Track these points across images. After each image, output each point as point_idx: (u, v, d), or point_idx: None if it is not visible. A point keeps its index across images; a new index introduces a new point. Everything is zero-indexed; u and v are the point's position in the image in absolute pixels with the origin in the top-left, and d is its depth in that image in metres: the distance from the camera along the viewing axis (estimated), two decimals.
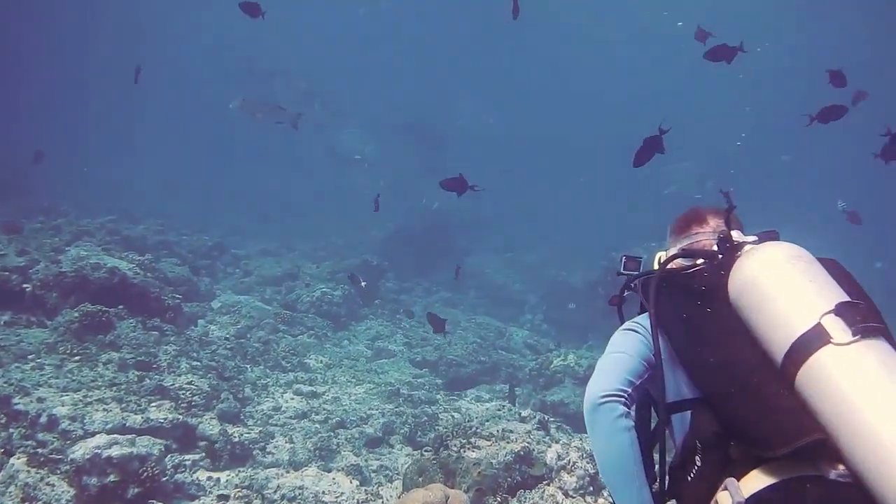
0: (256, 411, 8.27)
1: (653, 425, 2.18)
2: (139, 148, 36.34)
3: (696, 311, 2.05)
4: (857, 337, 1.73)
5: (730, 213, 2.40)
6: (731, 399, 1.83)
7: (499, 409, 8.04)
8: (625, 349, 2.13)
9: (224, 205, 25.73)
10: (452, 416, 8.91)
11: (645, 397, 2.17)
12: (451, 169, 9.02)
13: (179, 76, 41.64)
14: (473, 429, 7.01)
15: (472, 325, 14.74)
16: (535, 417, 7.54)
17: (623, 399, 2.01)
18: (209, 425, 7.30)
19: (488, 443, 6.71)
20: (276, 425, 8.04)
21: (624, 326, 2.26)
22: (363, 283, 12.14)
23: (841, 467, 1.68)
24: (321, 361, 10.65)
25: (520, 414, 7.65)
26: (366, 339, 12.37)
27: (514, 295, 18.48)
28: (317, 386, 9.58)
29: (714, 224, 2.45)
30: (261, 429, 7.67)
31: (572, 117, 41.51)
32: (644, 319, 2.18)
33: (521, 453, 6.46)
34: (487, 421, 7.44)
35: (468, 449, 6.61)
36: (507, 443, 6.67)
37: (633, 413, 2.06)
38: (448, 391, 10.55)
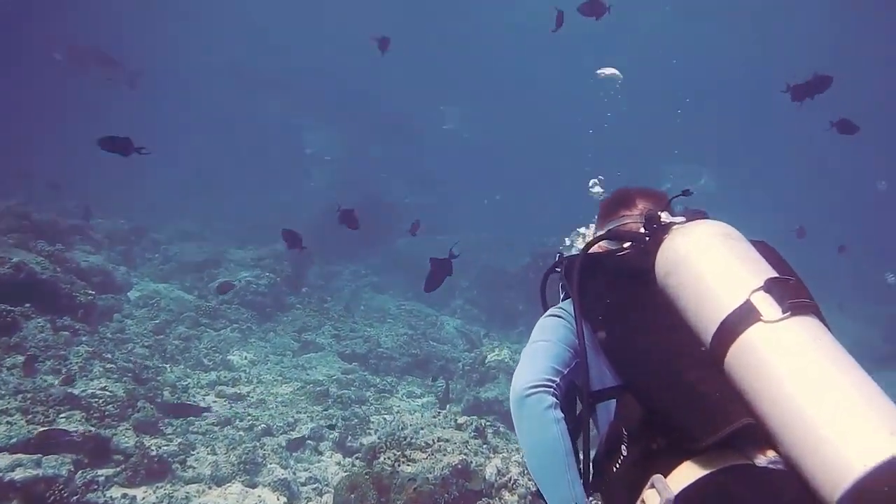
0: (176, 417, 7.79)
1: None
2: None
3: (620, 295, 1.99)
4: (787, 314, 1.66)
5: (657, 194, 2.36)
6: (655, 386, 1.77)
7: (434, 417, 7.74)
8: (549, 337, 2.06)
9: (147, 182, 24.49)
10: (384, 419, 8.60)
11: (570, 386, 2.05)
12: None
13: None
14: (408, 439, 6.70)
15: (402, 312, 14.43)
16: (471, 424, 7.27)
17: (551, 389, 1.92)
18: (124, 437, 6.79)
19: (424, 455, 6.41)
20: (197, 433, 7.57)
21: (548, 313, 2.19)
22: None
23: (771, 453, 1.61)
24: (246, 358, 10.18)
25: (456, 420, 7.37)
26: (292, 331, 11.89)
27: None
28: (241, 386, 9.13)
29: (642, 206, 2.39)
30: (181, 439, 7.19)
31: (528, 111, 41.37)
32: (568, 305, 2.11)
33: (459, 466, 6.19)
34: (422, 429, 7.13)
35: (403, 462, 6.30)
36: (444, 455, 6.39)
37: (561, 403, 1.96)
38: (378, 391, 10.19)
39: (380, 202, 20.37)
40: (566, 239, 2.88)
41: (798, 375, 1.56)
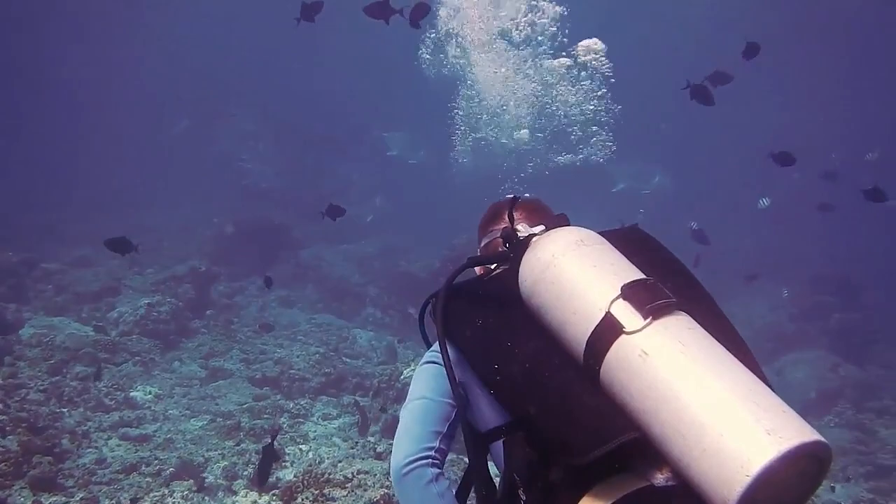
0: (77, 467, 7.34)
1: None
2: None
3: (491, 322, 1.90)
4: (648, 320, 1.60)
5: (514, 204, 2.23)
6: (536, 413, 1.71)
7: (352, 448, 7.55)
8: (424, 392, 1.98)
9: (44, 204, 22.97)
10: (300, 450, 8.35)
11: (466, 429, 1.93)
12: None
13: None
14: (326, 474, 6.51)
15: (313, 327, 14.13)
16: (391, 453, 7.11)
17: (430, 459, 1.86)
18: (20, 497, 6.38)
19: (344, 492, 6.23)
20: (100, 483, 7.16)
21: (425, 359, 2.10)
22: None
23: (667, 470, 1.58)
24: (150, 393, 9.72)
25: (375, 449, 7.21)
26: (199, 358, 11.43)
27: (354, 288, 17.92)
28: (146, 426, 8.70)
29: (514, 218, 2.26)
30: (83, 494, 6.78)
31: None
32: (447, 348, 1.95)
33: (381, 503, 6.03)
34: (340, 462, 6.94)
35: (322, 502, 6.10)
36: (365, 490, 6.23)
37: (445, 471, 1.90)
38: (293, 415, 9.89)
39: (282, 214, 19.96)
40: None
41: (668, 386, 1.50)
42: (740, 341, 1.84)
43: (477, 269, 2.28)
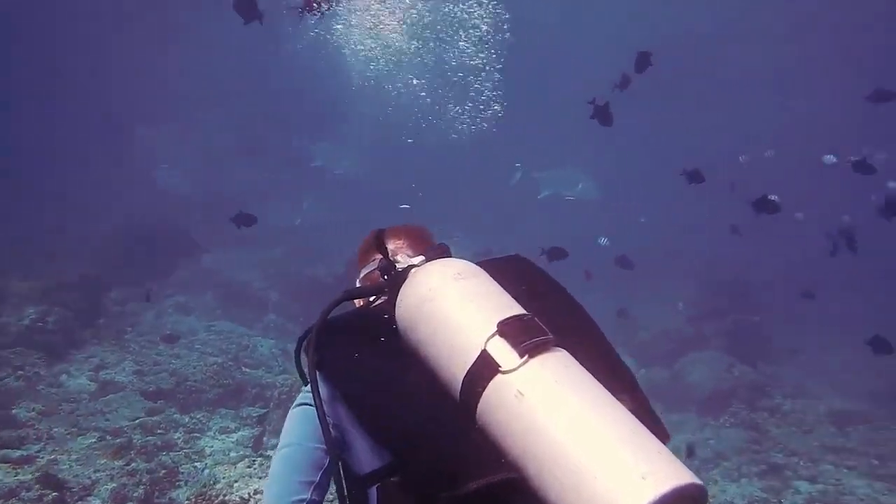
0: None
1: None
2: None
3: (367, 359, 1.81)
4: (524, 358, 1.55)
5: (393, 232, 2.22)
6: (412, 454, 1.63)
7: (248, 466, 7.29)
8: (293, 438, 1.86)
9: None
10: (195, 468, 8.04)
11: (347, 471, 1.84)
12: None
13: None
14: (221, 496, 6.27)
15: (211, 335, 13.69)
16: None
17: None
18: None
19: None
20: None
21: (297, 400, 1.95)
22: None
23: None
24: (34, 410, 9.19)
25: None
26: (88, 371, 10.90)
27: (256, 293, 17.53)
28: (29, 446, 8.21)
29: (393, 247, 2.23)
30: None
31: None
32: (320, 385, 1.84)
33: None
34: (237, 482, 6.70)
35: None
36: None
37: None
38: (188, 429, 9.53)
39: (180, 216, 19.31)
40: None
41: (544, 427, 1.46)
42: (623, 372, 1.82)
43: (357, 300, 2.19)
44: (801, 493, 10.32)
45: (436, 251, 2.02)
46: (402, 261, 2.01)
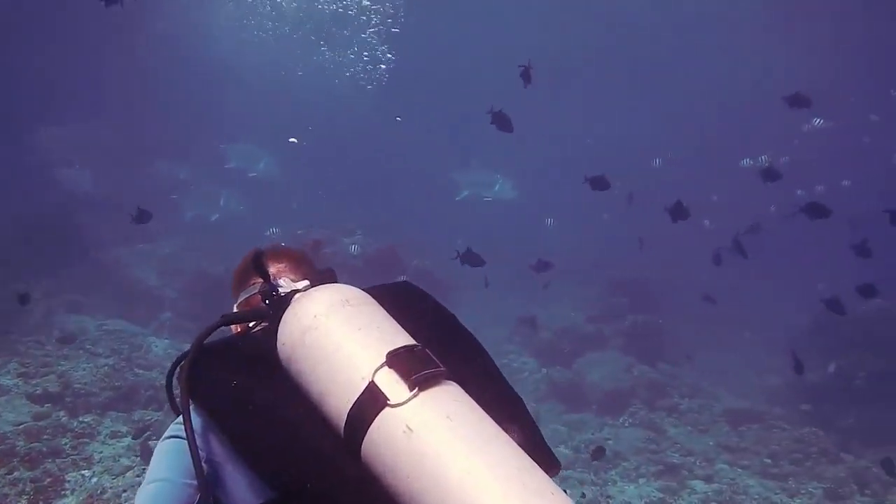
0: None
1: None
2: None
3: (245, 388, 1.70)
4: (414, 391, 1.48)
5: (293, 253, 2.14)
6: (290, 491, 1.55)
7: (138, 476, 7.18)
8: (161, 474, 1.74)
9: None
10: (82, 476, 7.85)
11: None
12: None
13: None
14: None
15: (103, 335, 13.28)
16: None
17: None
18: None
19: None
20: None
21: (168, 432, 1.85)
22: None
23: None
24: None
25: None
26: None
27: (152, 291, 17.07)
28: None
29: (274, 270, 2.11)
30: None
31: None
32: (194, 415, 1.74)
33: None
34: (125, 491, 6.60)
35: None
36: None
37: None
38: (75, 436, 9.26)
39: (76, 210, 18.62)
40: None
41: (433, 466, 1.40)
42: (512, 402, 1.81)
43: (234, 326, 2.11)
44: (698, 493, 10.78)
45: (321, 276, 1.97)
46: (285, 285, 1.88)
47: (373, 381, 1.51)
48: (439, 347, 1.65)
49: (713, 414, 14.16)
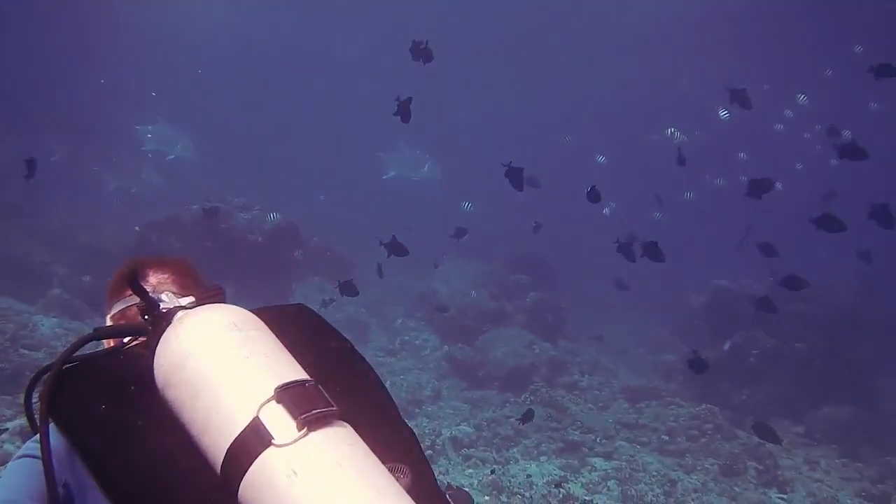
0: None
1: None
2: None
3: (114, 410, 1.52)
4: (303, 431, 1.37)
5: (176, 264, 2.00)
6: None
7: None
8: (13, 494, 1.57)
9: None
10: None
11: None
12: None
13: None
14: None
15: None
16: None
17: None
18: None
19: None
20: None
21: (22, 450, 1.70)
22: None
23: None
24: None
25: None
26: None
27: (37, 267, 16.19)
28: None
29: (155, 281, 1.96)
30: None
31: None
32: (53, 434, 1.54)
33: None
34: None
35: None
36: None
37: None
38: None
39: None
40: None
41: None
42: (405, 441, 1.76)
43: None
44: (598, 470, 10.99)
45: (208, 293, 1.78)
46: (168, 300, 1.73)
47: (257, 417, 1.39)
48: (333, 382, 1.56)
49: (612, 391, 14.48)
